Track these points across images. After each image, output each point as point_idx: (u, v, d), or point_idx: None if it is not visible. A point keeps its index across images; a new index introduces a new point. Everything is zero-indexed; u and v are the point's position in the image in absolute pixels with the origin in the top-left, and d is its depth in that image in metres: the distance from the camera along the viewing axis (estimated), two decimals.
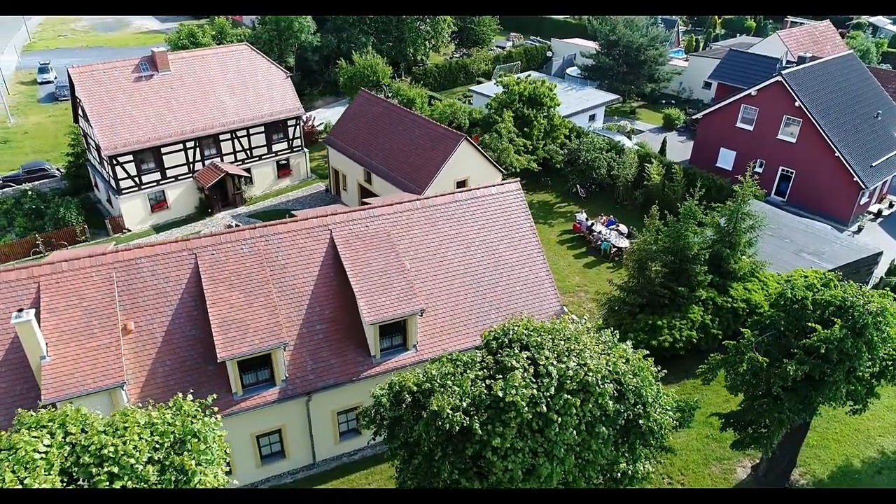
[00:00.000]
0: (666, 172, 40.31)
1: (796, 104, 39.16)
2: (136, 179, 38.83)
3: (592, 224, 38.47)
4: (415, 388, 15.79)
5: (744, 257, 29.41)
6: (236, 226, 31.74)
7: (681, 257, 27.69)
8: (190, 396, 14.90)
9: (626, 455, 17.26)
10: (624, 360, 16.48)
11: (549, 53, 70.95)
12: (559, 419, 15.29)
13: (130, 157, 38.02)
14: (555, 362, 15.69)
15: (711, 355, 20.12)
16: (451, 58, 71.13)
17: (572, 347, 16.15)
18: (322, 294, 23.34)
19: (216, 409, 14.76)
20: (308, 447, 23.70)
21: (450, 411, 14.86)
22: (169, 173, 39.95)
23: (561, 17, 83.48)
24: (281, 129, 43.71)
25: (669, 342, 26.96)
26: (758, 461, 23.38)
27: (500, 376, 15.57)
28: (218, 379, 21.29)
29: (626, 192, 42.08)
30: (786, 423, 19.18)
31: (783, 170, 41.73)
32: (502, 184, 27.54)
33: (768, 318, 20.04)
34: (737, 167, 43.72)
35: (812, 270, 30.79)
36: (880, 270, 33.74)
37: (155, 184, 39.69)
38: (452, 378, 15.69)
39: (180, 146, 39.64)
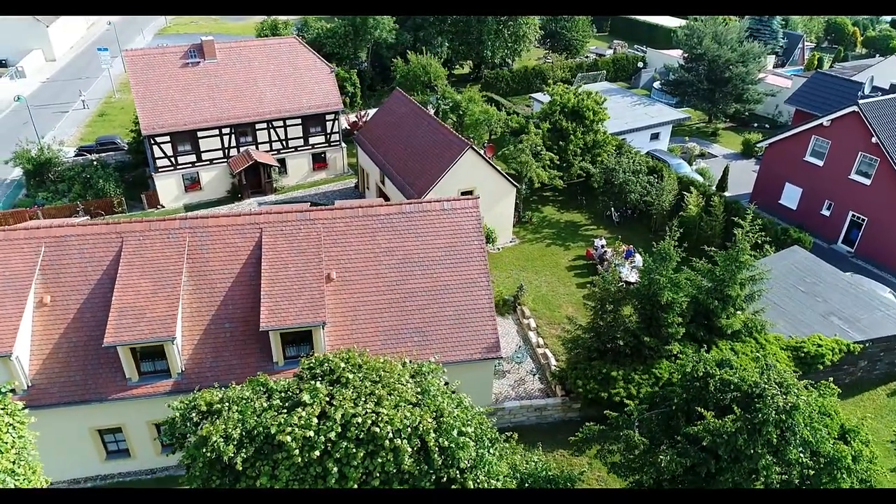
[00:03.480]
0: (705, 204, 35.92)
1: (873, 140, 33.16)
2: (172, 160, 41.08)
3: (605, 252, 35.15)
4: (204, 408, 14.91)
5: (739, 313, 25.30)
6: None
7: (651, 304, 24.30)
8: None
9: None
10: (435, 415, 14.46)
11: (639, 64, 66.19)
12: (336, 469, 13.74)
13: (167, 138, 40.27)
14: (351, 404, 14.12)
15: (587, 424, 17.29)
16: (542, 62, 68.68)
17: (376, 391, 14.46)
18: (238, 293, 23.04)
19: (10, 397, 14.76)
20: None
21: (217, 439, 13.82)
22: (204, 157, 41.87)
23: (671, 26, 77.55)
24: (319, 122, 44.28)
25: (622, 397, 23.75)
26: None
27: (286, 411, 14.29)
28: (117, 362, 21.67)
29: (662, 221, 38.02)
30: None
31: (853, 215, 35.60)
32: (458, 199, 25.73)
33: (667, 392, 16.86)
34: (802, 207, 38.15)
35: (832, 339, 26.25)
36: None
37: (190, 165, 41.77)
38: (241, 403, 14.62)
39: (216, 132, 41.38)
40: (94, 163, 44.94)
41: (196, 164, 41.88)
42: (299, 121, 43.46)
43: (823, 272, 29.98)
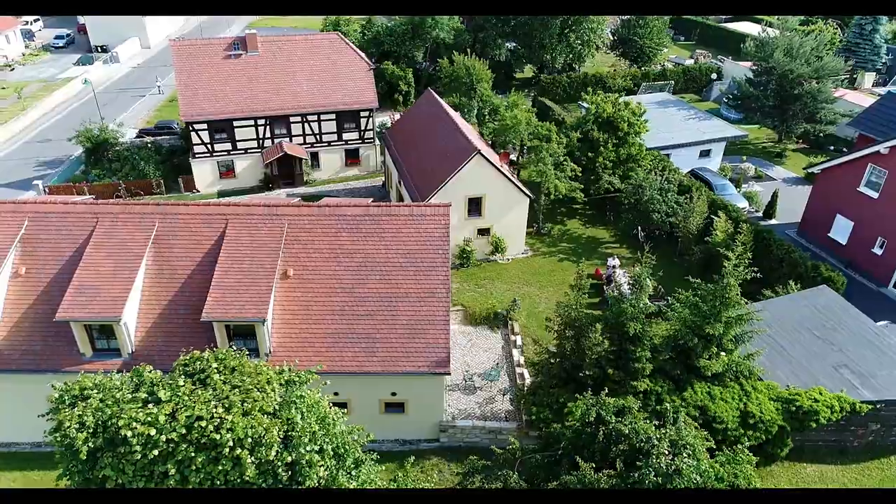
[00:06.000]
0: (734, 230, 32.89)
1: None
2: (209, 146, 42.71)
3: (611, 273, 32.99)
4: (77, 392, 15.07)
5: (723, 354, 22.84)
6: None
7: (620, 334, 22.41)
8: None
9: None
10: (286, 428, 13.85)
11: (713, 76, 61.91)
12: (175, 471, 13.49)
13: (205, 126, 41.91)
14: (201, 406, 13.81)
15: (471, 457, 16.00)
16: (615, 69, 65.94)
17: (231, 396, 14.05)
18: (196, 282, 23.39)
19: None
20: None
21: (70, 425, 13.91)
22: (239, 146, 43.24)
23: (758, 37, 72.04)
24: (353, 118, 44.57)
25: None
26: None
27: (143, 405, 14.18)
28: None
29: (688, 245, 35.27)
30: None
31: None
32: (429, 205, 24.86)
33: (558, 433, 15.32)
34: (852, 242, 34.13)
35: (835, 395, 23.38)
36: None
37: (225, 153, 43.27)
38: (105, 392, 14.66)
39: (251, 122, 42.60)
40: (149, 145, 47.59)
41: (231, 153, 43.33)
42: (333, 116, 43.94)
43: (848, 318, 26.55)
